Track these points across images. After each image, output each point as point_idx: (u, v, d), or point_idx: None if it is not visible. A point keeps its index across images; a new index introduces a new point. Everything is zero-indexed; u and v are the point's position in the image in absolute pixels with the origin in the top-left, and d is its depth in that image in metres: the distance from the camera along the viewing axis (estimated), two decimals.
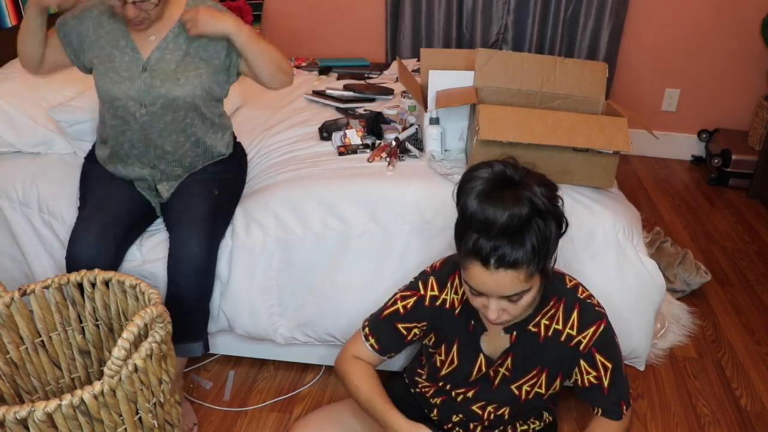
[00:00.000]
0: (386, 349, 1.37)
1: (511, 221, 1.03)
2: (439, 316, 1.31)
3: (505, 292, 1.09)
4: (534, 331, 1.25)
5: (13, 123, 1.93)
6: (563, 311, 1.24)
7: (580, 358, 1.24)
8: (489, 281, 1.08)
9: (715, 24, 3.43)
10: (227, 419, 1.84)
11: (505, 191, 1.05)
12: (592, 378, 1.26)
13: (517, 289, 1.08)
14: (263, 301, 1.80)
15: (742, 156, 3.33)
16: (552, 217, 1.08)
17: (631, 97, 3.65)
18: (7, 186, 1.88)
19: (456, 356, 1.31)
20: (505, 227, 1.03)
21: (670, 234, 2.84)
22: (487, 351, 1.29)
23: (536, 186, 1.07)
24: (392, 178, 1.82)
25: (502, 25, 3.52)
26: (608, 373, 1.25)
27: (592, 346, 1.23)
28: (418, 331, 1.34)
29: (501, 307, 1.12)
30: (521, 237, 1.05)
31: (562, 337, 1.24)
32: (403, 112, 2.30)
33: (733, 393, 1.98)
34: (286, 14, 3.73)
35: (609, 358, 1.24)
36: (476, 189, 1.07)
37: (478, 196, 1.06)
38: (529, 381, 1.29)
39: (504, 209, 1.02)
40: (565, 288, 1.25)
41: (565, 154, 1.70)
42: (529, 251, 1.05)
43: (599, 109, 1.81)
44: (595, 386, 1.26)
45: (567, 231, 1.14)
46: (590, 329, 1.22)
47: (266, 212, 1.78)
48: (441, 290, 1.30)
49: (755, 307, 2.40)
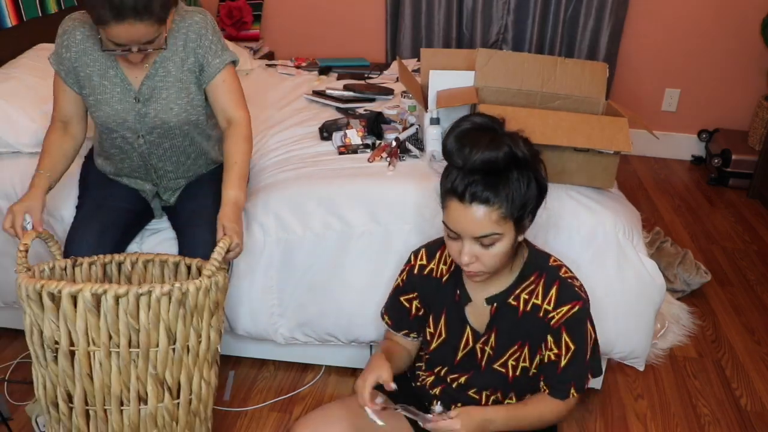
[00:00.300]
0: (398, 324, 1.43)
1: (488, 160, 1.09)
2: (427, 284, 1.35)
3: (476, 230, 1.13)
4: (514, 304, 1.27)
5: (13, 123, 1.92)
6: (543, 287, 1.25)
7: (548, 333, 1.25)
8: (462, 217, 1.13)
9: (715, 24, 3.43)
10: (227, 419, 1.84)
11: (486, 134, 1.13)
12: (552, 354, 1.26)
13: (489, 230, 1.12)
14: (263, 301, 1.80)
15: (742, 156, 3.33)
16: (531, 173, 1.14)
17: (631, 97, 3.65)
18: (6, 186, 1.88)
19: (444, 328, 1.34)
20: (481, 165, 1.10)
21: (670, 234, 2.84)
22: (473, 324, 1.31)
23: (519, 140, 1.14)
24: (392, 178, 1.82)
25: (502, 25, 3.52)
26: (569, 355, 1.25)
27: (562, 324, 1.23)
28: (417, 303, 1.39)
29: (473, 252, 1.16)
30: (496, 179, 1.11)
31: (540, 313, 1.25)
32: (404, 112, 2.30)
33: (733, 393, 1.98)
34: (286, 14, 3.73)
35: (574, 340, 1.24)
36: (458, 129, 1.14)
37: (457, 135, 1.13)
38: (513, 356, 1.30)
39: (481, 149, 1.09)
40: (547, 265, 1.27)
41: (566, 154, 1.70)
42: (503, 195, 1.11)
43: (599, 109, 1.81)
44: (552, 362, 1.27)
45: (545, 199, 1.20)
46: (565, 307, 1.23)
47: (266, 212, 1.78)
48: (429, 260, 1.36)
49: (755, 307, 2.40)
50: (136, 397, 1.37)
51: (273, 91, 2.68)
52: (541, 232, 1.68)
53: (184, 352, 1.39)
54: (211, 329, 1.42)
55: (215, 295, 1.40)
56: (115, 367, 1.34)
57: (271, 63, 3.20)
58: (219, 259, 1.39)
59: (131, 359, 1.34)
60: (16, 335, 2.14)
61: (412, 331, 1.44)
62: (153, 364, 1.36)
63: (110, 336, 1.31)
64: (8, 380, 1.97)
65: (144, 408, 1.39)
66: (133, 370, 1.35)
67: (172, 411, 1.42)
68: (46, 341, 1.32)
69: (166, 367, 1.37)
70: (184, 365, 1.40)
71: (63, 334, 1.31)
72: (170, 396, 1.40)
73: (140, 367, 1.35)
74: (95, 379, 1.34)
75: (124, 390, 1.36)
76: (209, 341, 1.43)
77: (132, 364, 1.34)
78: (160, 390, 1.39)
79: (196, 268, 1.56)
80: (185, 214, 1.73)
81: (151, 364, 1.35)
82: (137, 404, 1.38)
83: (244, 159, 1.60)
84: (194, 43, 1.58)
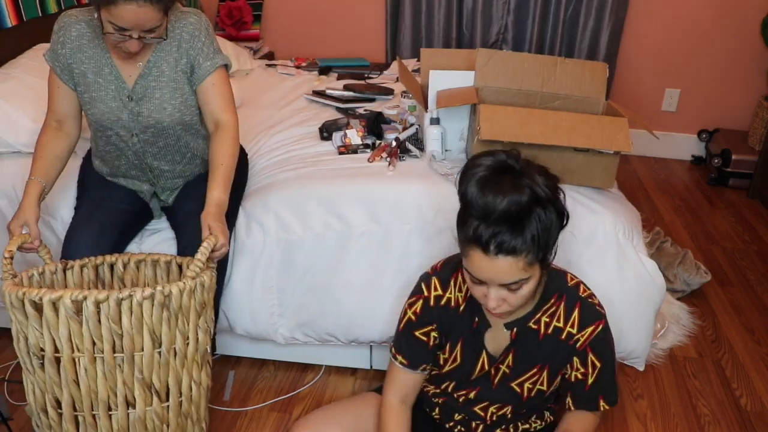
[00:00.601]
0: (415, 361, 1.34)
1: (510, 207, 1.03)
2: (446, 315, 1.30)
3: (504, 279, 1.08)
4: (534, 328, 1.25)
5: (12, 123, 1.92)
6: (564, 309, 1.23)
7: (574, 355, 1.25)
8: (488, 268, 1.08)
9: (715, 24, 3.43)
10: (227, 419, 1.84)
11: (506, 178, 1.06)
12: (579, 374, 1.26)
13: (516, 277, 1.08)
14: (263, 301, 1.80)
15: (742, 156, 3.33)
16: (553, 208, 1.08)
17: (631, 97, 3.65)
18: (6, 186, 1.88)
19: (459, 354, 1.31)
20: (505, 213, 1.04)
21: (670, 234, 2.84)
22: (490, 348, 1.29)
23: (537, 175, 1.08)
24: (392, 178, 1.82)
25: (502, 25, 3.52)
26: (596, 372, 1.25)
27: (588, 345, 1.23)
28: (435, 334, 1.32)
29: (500, 296, 1.12)
30: (521, 225, 1.05)
31: (562, 335, 1.24)
32: (404, 112, 2.30)
33: (733, 393, 1.98)
34: (286, 14, 3.73)
35: (600, 357, 1.24)
36: (477, 175, 1.08)
37: (478, 182, 1.07)
38: (531, 379, 1.29)
39: (504, 195, 1.03)
40: (566, 285, 1.25)
41: (566, 154, 1.70)
42: (529, 239, 1.05)
43: (599, 109, 1.81)
44: (580, 381, 1.27)
45: (567, 225, 1.14)
46: (589, 328, 1.23)
47: (266, 212, 1.78)
48: (444, 289, 1.29)
49: (755, 307, 2.40)
50: (123, 402, 1.36)
51: (273, 91, 2.68)
52: None
53: (171, 355, 1.37)
54: (198, 330, 1.41)
55: (201, 295, 1.39)
56: (101, 372, 1.32)
57: (271, 63, 3.20)
58: (203, 260, 1.38)
59: (116, 364, 1.33)
60: None
61: (431, 363, 1.36)
62: (139, 368, 1.34)
63: (94, 342, 1.30)
64: (8, 380, 1.97)
65: (132, 412, 1.38)
66: (119, 375, 1.34)
67: (161, 414, 1.41)
68: (32, 348, 1.32)
69: (152, 371, 1.36)
70: (171, 368, 1.38)
71: (47, 341, 1.30)
72: (159, 399, 1.39)
73: (126, 372, 1.34)
74: (81, 385, 1.33)
75: (111, 395, 1.35)
76: (197, 342, 1.42)
77: (117, 369, 1.33)
78: (147, 394, 1.38)
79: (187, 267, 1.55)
80: (182, 214, 1.73)
81: (137, 368, 1.34)
82: (125, 409, 1.37)
83: (230, 162, 1.59)
84: (187, 44, 1.58)
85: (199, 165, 1.79)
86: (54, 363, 1.32)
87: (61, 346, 1.30)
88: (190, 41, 1.58)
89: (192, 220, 1.67)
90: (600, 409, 1.29)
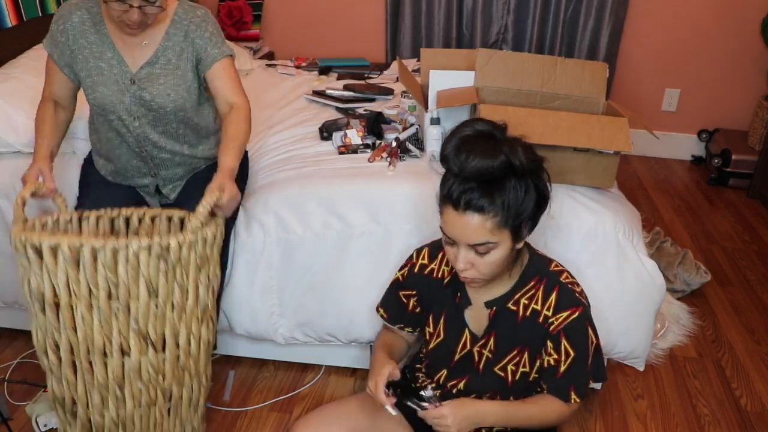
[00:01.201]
0: (394, 318, 1.46)
1: (482, 168, 1.09)
2: (428, 284, 1.36)
3: (471, 237, 1.13)
4: (513, 309, 1.27)
5: (12, 123, 1.93)
6: (543, 292, 1.25)
7: (548, 339, 1.25)
8: (458, 224, 1.13)
9: (715, 24, 3.43)
10: (227, 419, 1.84)
11: (485, 143, 1.12)
12: (552, 360, 1.26)
13: (483, 238, 1.12)
14: (263, 301, 1.80)
15: (742, 156, 3.33)
16: (531, 182, 1.13)
17: (631, 97, 3.65)
18: (6, 186, 1.88)
19: (443, 329, 1.34)
20: (476, 173, 1.10)
21: (670, 234, 2.84)
22: (472, 327, 1.31)
23: (519, 148, 1.12)
24: (393, 178, 1.82)
25: (502, 25, 3.52)
26: (569, 360, 1.24)
27: (561, 330, 1.23)
28: (415, 301, 1.40)
29: (468, 258, 1.16)
30: (491, 188, 1.10)
31: (539, 318, 1.25)
32: (404, 112, 2.30)
33: (733, 393, 1.98)
34: (286, 14, 3.73)
35: (574, 346, 1.24)
36: (459, 135, 1.15)
37: (458, 141, 1.14)
38: (512, 361, 1.30)
39: (477, 157, 1.09)
40: (548, 270, 1.27)
41: (566, 154, 1.70)
42: (498, 203, 1.11)
43: (599, 109, 1.81)
44: (552, 367, 1.26)
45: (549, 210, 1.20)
46: (564, 313, 1.23)
47: (266, 212, 1.78)
48: (431, 260, 1.36)
49: (755, 307, 2.40)
50: (119, 350, 1.38)
51: (273, 91, 2.67)
52: (541, 232, 1.68)
53: (168, 308, 1.39)
54: (199, 285, 1.42)
55: (202, 250, 1.39)
56: (96, 320, 1.35)
57: (271, 63, 3.19)
58: (204, 213, 1.39)
59: (112, 313, 1.35)
60: (16, 335, 2.14)
61: (408, 326, 1.45)
62: (134, 318, 1.37)
63: (90, 289, 1.32)
64: (8, 380, 1.97)
65: (128, 360, 1.40)
66: (115, 324, 1.36)
67: (156, 365, 1.43)
68: (34, 293, 1.34)
69: (148, 321, 1.38)
70: (168, 320, 1.40)
71: (47, 286, 1.33)
72: (154, 350, 1.41)
73: (121, 320, 1.36)
74: (78, 331, 1.36)
75: (107, 342, 1.38)
76: (197, 298, 1.43)
77: (114, 318, 1.35)
78: (143, 344, 1.39)
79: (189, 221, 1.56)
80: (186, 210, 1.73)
81: (132, 318, 1.36)
82: (120, 357, 1.39)
83: (244, 138, 1.64)
84: (194, 34, 1.63)
85: (200, 158, 1.80)
86: (53, 308, 1.35)
87: (59, 292, 1.32)
88: (197, 31, 1.62)
89: None
90: (571, 401, 1.27)
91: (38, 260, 1.31)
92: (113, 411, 1.44)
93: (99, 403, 1.44)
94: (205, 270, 1.42)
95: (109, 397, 1.43)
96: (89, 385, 1.42)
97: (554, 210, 1.71)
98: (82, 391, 1.43)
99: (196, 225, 1.38)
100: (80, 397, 1.44)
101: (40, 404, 1.80)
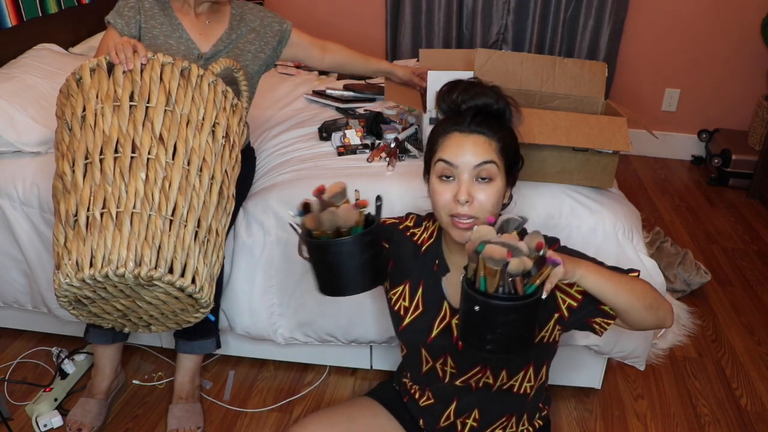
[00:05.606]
0: None
1: (486, 103, 1.18)
2: (404, 245, 1.34)
3: (478, 156, 1.15)
4: None
5: (13, 123, 1.93)
6: None
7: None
8: (465, 143, 1.16)
9: (715, 24, 3.43)
10: (227, 419, 1.84)
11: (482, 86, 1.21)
12: (569, 302, 1.21)
13: (489, 156, 1.15)
14: (263, 301, 1.81)
15: (742, 156, 3.33)
16: (513, 129, 1.22)
17: (631, 97, 3.65)
18: (7, 185, 1.88)
19: (421, 301, 1.31)
20: (481, 106, 1.18)
21: (670, 234, 2.84)
22: (450, 298, 1.28)
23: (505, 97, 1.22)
24: (392, 178, 1.82)
25: (502, 25, 3.52)
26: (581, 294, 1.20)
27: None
28: (385, 250, 1.34)
29: (470, 189, 1.15)
30: (491, 120, 1.18)
31: None
32: (403, 112, 2.30)
33: (733, 393, 1.98)
34: (286, 14, 3.70)
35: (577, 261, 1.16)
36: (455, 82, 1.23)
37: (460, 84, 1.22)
38: None
39: (482, 95, 1.19)
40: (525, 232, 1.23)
41: (565, 154, 1.70)
42: (498, 135, 1.17)
43: (599, 109, 1.81)
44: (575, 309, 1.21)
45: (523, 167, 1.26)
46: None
47: (266, 212, 1.78)
48: (416, 226, 1.37)
49: (755, 307, 2.40)
50: (129, 145, 1.38)
51: (273, 91, 2.68)
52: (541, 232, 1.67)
53: (183, 121, 1.43)
54: (216, 124, 1.48)
55: (220, 94, 1.49)
56: (116, 118, 1.40)
57: None
58: (215, 71, 1.50)
59: (129, 113, 1.40)
60: (16, 335, 2.15)
61: None
62: (150, 119, 1.40)
63: (116, 90, 1.41)
64: (8, 380, 1.97)
65: (137, 159, 1.37)
66: (131, 122, 1.39)
67: (163, 164, 1.38)
68: (66, 114, 1.44)
69: (161, 123, 1.40)
70: (181, 129, 1.42)
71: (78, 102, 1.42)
72: (164, 149, 1.39)
73: (137, 117, 1.39)
74: (96, 129, 1.39)
75: (120, 137, 1.38)
76: (213, 134, 1.47)
77: (130, 118, 1.40)
78: (153, 142, 1.39)
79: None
80: None
81: (147, 118, 1.40)
82: (129, 152, 1.37)
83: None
84: (263, 21, 1.87)
85: None
86: (80, 121, 1.42)
87: (88, 98, 1.42)
88: (264, 19, 1.88)
89: None
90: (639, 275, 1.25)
91: (76, 85, 1.44)
92: (113, 210, 1.34)
93: (101, 202, 1.35)
94: (223, 117, 1.49)
95: (112, 191, 1.34)
96: (96, 187, 1.35)
97: (554, 210, 1.71)
98: (86, 194, 1.35)
99: (217, 69, 1.51)
100: (83, 199, 1.35)
101: (40, 404, 1.81)
